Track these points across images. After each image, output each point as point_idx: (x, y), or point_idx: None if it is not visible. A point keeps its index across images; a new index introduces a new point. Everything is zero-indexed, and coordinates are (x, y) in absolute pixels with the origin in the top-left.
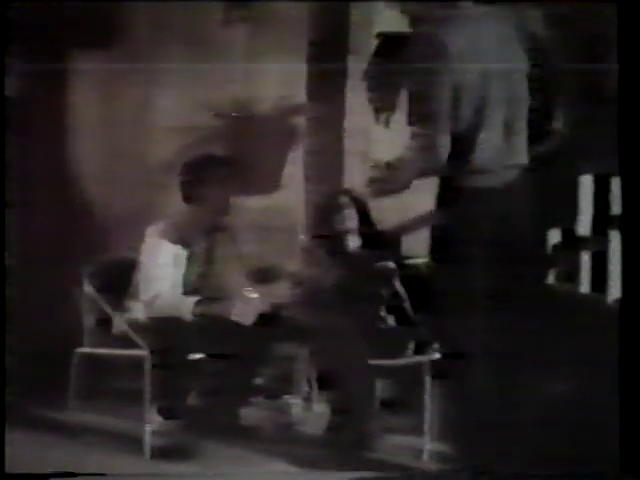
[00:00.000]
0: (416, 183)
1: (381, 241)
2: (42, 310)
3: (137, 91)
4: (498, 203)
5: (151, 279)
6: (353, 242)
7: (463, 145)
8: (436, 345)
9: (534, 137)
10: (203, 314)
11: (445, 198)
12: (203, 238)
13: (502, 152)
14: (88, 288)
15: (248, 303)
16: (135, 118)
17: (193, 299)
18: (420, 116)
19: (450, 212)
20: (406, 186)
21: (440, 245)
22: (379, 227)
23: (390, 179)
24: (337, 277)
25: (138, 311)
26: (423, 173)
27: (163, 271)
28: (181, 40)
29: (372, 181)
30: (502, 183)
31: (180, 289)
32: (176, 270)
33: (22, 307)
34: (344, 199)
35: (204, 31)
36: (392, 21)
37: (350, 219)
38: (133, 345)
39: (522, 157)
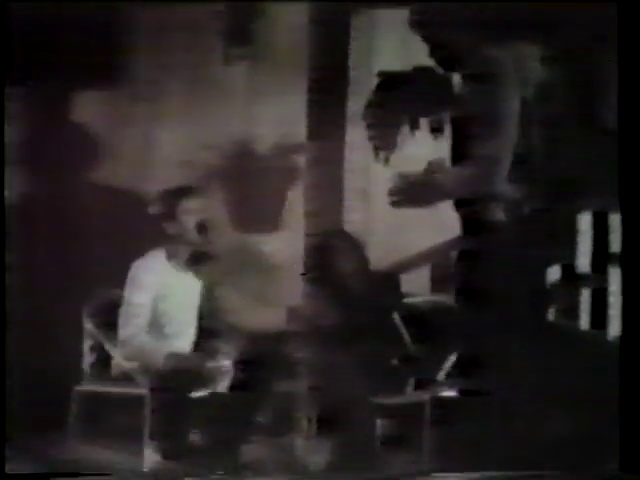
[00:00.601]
0: (413, 222)
1: (380, 279)
2: (42, 347)
3: (138, 129)
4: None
5: (129, 316)
6: (351, 281)
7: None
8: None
9: None
10: (173, 369)
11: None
12: (187, 270)
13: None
14: (88, 325)
15: (219, 372)
16: (136, 156)
17: (165, 350)
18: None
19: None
20: (432, 203)
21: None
22: (378, 266)
23: (417, 191)
24: (337, 315)
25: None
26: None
27: (141, 309)
28: (182, 79)
29: (396, 191)
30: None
31: (161, 330)
32: (161, 307)
33: (22, 344)
34: (341, 239)
35: (205, 70)
36: (392, 60)
37: (347, 259)
38: (133, 383)
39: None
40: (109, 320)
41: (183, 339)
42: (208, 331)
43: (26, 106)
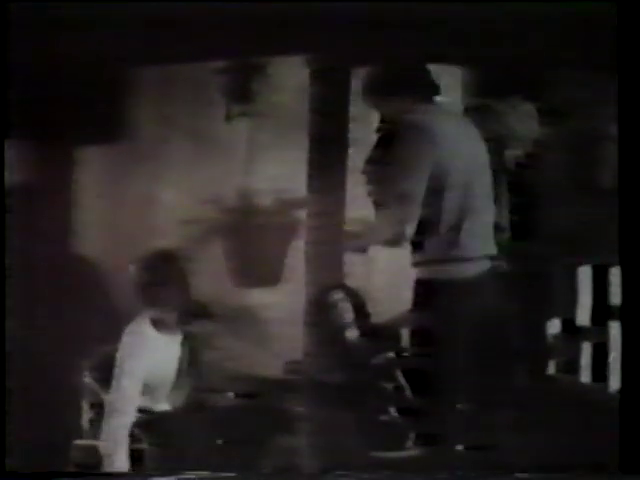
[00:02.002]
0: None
1: (380, 333)
2: (42, 402)
3: (140, 185)
4: (482, 294)
5: (118, 406)
6: (351, 335)
7: (445, 234)
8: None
9: None
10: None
11: (425, 292)
12: (172, 341)
13: (482, 242)
14: (88, 380)
15: None
16: (138, 212)
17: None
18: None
19: (433, 306)
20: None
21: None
22: (378, 319)
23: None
24: (336, 370)
25: None
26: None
27: (130, 401)
28: (183, 135)
29: (347, 235)
30: (482, 273)
31: (154, 394)
32: (152, 376)
33: (22, 399)
34: (340, 293)
35: (206, 126)
36: None
37: (347, 312)
38: (133, 439)
39: (492, 248)
40: (110, 375)
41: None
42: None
43: (25, 162)
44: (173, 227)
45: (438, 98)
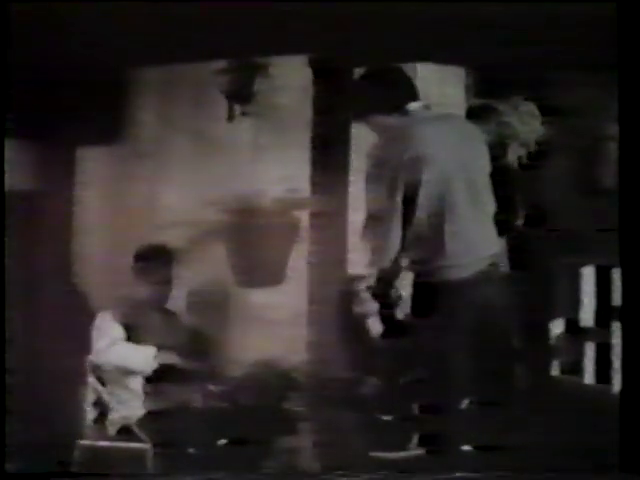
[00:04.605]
0: None
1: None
2: (44, 402)
3: (143, 186)
4: (482, 294)
5: (103, 329)
6: (374, 327)
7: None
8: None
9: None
10: (163, 364)
11: (422, 293)
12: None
13: (475, 242)
14: (92, 381)
15: None
16: (141, 213)
17: (152, 349)
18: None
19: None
20: None
21: None
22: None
23: None
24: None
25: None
26: None
27: (115, 328)
28: (185, 135)
29: None
30: (480, 273)
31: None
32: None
33: (23, 398)
34: (361, 284)
35: (208, 126)
36: None
37: (371, 304)
38: (135, 438)
39: (491, 248)
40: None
41: None
42: None
43: (26, 162)
44: (175, 228)
45: (415, 104)
